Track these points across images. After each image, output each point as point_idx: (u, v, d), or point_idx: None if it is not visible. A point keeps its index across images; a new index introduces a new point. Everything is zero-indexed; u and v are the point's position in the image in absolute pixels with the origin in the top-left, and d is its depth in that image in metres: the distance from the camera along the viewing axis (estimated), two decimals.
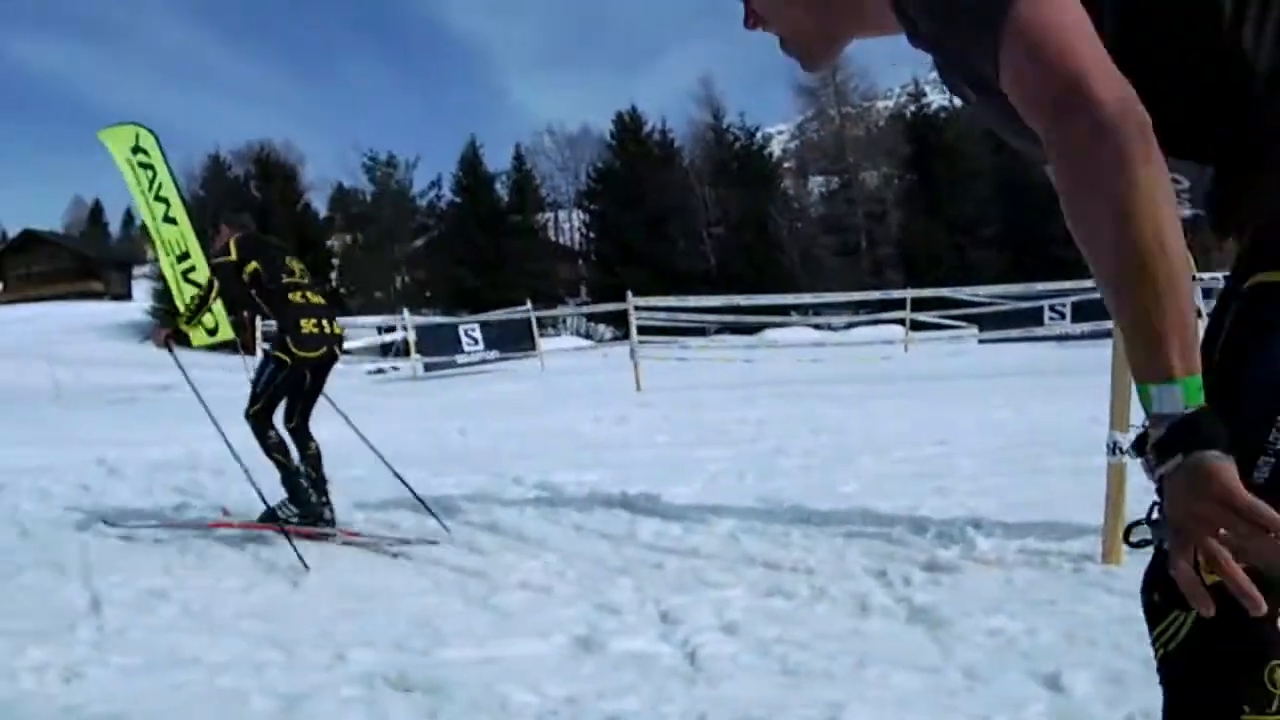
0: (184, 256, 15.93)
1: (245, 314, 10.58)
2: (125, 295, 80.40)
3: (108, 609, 4.43)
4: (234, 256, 5.90)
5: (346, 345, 7.89)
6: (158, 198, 16.60)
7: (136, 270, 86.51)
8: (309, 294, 6.06)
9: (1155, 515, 1.20)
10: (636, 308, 18.98)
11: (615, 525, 5.80)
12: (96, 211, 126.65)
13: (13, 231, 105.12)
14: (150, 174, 16.69)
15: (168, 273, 16.86)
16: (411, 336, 23.81)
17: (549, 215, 71.87)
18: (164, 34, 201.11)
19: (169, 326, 6.29)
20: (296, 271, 6.14)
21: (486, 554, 5.33)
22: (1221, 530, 1.10)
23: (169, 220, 16.34)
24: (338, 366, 6.19)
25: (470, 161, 62.23)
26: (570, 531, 5.74)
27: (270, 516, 5.66)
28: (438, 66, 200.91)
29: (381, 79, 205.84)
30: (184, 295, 14.89)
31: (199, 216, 19.00)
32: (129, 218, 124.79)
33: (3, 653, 3.82)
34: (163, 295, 49.01)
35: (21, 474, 8.69)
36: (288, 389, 5.89)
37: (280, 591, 4.72)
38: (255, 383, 5.91)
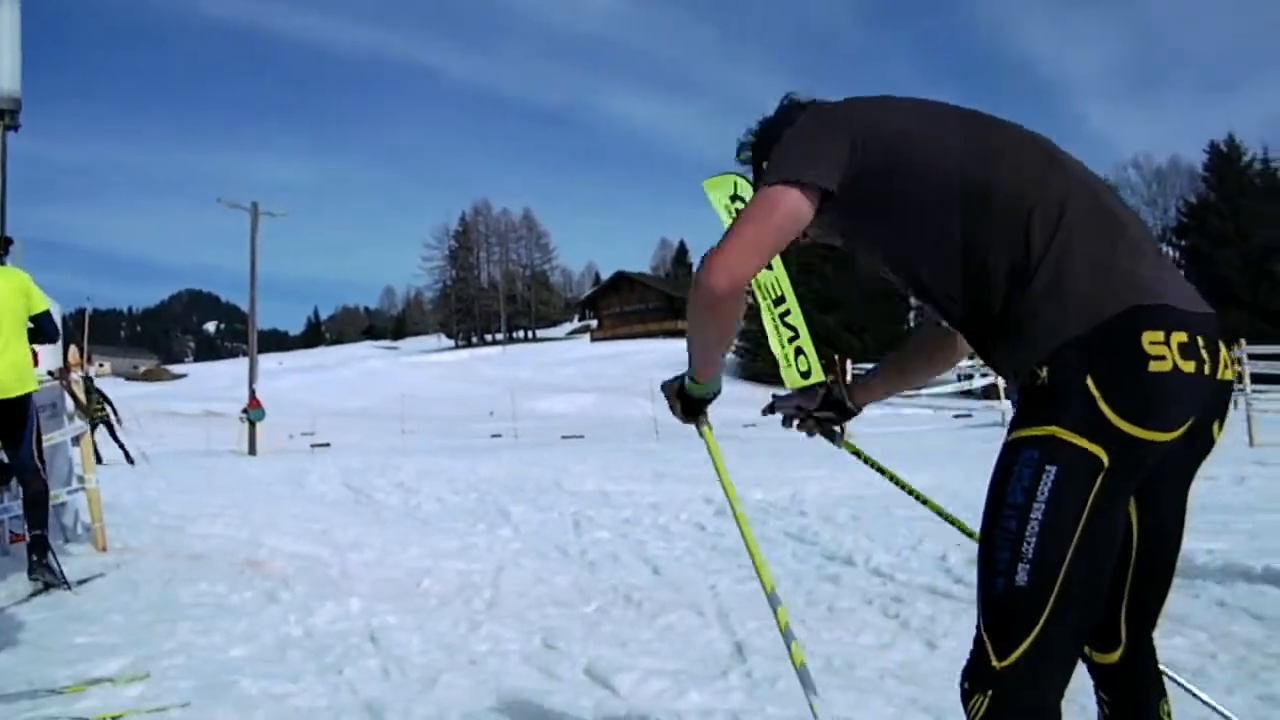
0: (779, 300, 16.49)
1: None
2: None
3: (752, 656, 4.54)
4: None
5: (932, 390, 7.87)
6: None
7: None
8: None
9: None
10: (1251, 356, 16.99)
11: (1264, 605, 5.01)
12: (681, 252, 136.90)
13: (606, 273, 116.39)
14: None
15: (765, 316, 17.49)
16: (1001, 380, 22.81)
17: None
18: (745, 84, 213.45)
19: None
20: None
21: None
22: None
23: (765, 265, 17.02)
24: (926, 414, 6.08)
25: None
26: (1214, 608, 5.06)
27: None
28: (1007, 98, 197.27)
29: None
30: (781, 338, 15.45)
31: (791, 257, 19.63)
32: None
33: (667, 693, 4.02)
34: (749, 336, 51.65)
35: (643, 510, 9.37)
36: None
37: (919, 653, 4.61)
38: None
